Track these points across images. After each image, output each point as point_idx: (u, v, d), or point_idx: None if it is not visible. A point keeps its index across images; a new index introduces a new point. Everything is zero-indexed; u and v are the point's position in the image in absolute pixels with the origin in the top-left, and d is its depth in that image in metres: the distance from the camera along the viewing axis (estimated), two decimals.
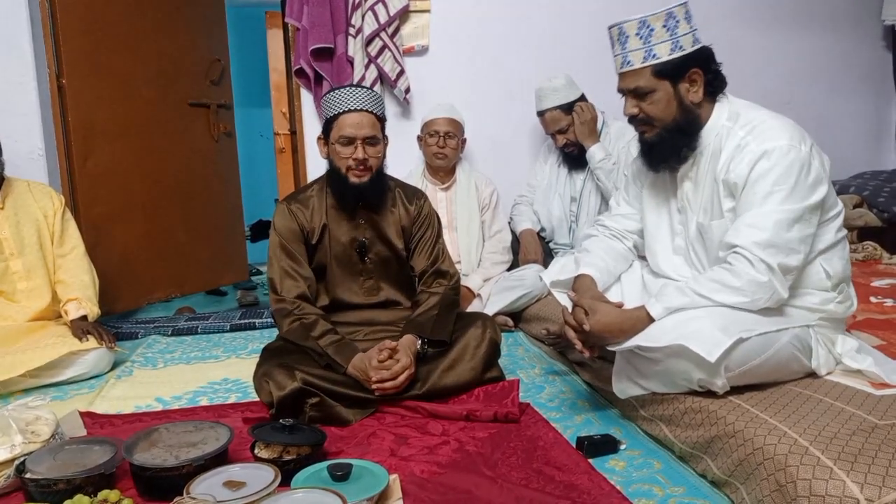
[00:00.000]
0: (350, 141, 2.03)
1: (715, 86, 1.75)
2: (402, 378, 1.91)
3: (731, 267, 1.63)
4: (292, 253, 2.10)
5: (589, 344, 1.77)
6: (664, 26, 1.68)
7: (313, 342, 1.98)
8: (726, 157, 1.70)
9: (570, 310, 1.81)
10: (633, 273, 2.00)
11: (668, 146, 1.76)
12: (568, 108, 3.06)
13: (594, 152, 3.01)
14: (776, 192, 1.61)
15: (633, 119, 1.78)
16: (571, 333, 1.78)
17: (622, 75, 1.76)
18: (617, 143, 3.08)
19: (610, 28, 1.76)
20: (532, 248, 3.19)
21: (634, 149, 1.94)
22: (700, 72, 1.72)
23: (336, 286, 2.18)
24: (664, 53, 1.69)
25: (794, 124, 1.71)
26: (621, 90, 1.79)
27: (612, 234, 2.04)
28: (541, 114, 3.15)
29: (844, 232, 1.78)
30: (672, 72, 1.70)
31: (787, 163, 1.61)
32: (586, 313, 1.74)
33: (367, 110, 2.04)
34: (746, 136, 1.68)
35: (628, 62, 1.72)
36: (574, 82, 3.12)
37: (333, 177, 2.11)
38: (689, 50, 1.70)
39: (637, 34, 1.69)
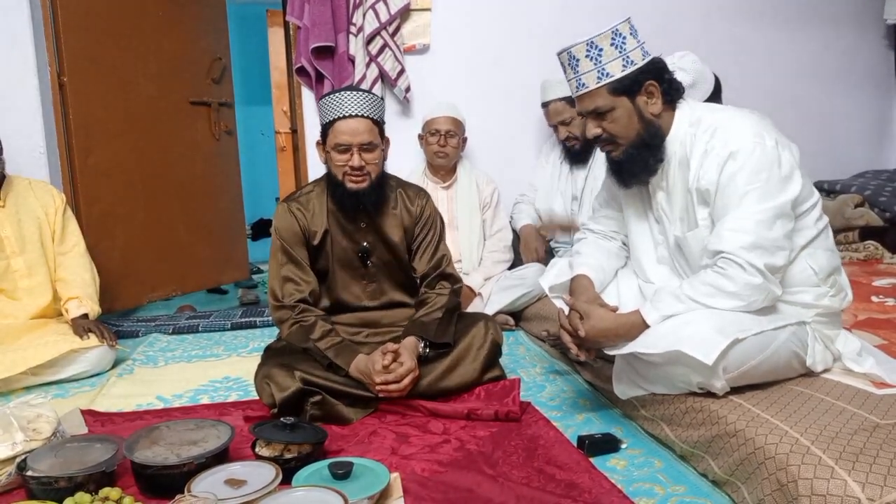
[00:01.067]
0: (346, 148, 2.00)
1: (672, 94, 1.74)
2: (405, 381, 1.90)
3: (724, 271, 1.61)
4: (293, 256, 2.08)
5: (584, 347, 1.77)
6: (612, 44, 1.67)
7: (313, 344, 1.97)
8: (696, 166, 1.68)
9: (566, 312, 1.81)
10: (629, 274, 1.99)
11: (637, 162, 1.75)
12: (572, 101, 3.04)
13: None
14: (750, 192, 1.60)
15: (597, 140, 1.77)
16: (567, 338, 1.78)
17: (579, 98, 1.75)
18: None
19: (559, 54, 1.75)
20: (532, 242, 3.19)
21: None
22: (655, 83, 1.71)
23: (338, 289, 2.17)
24: (617, 71, 1.68)
25: (757, 120, 1.70)
26: (580, 113, 1.79)
27: (601, 236, 2.04)
28: (545, 104, 3.13)
29: (825, 221, 1.76)
30: (628, 87, 1.69)
31: (754, 161, 1.60)
32: (581, 318, 1.74)
33: (362, 115, 1.99)
34: (711, 141, 1.66)
35: (583, 84, 1.71)
36: None
37: (332, 182, 2.09)
38: (640, 64, 1.69)
39: (587, 56, 1.68)
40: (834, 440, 1.32)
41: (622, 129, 1.72)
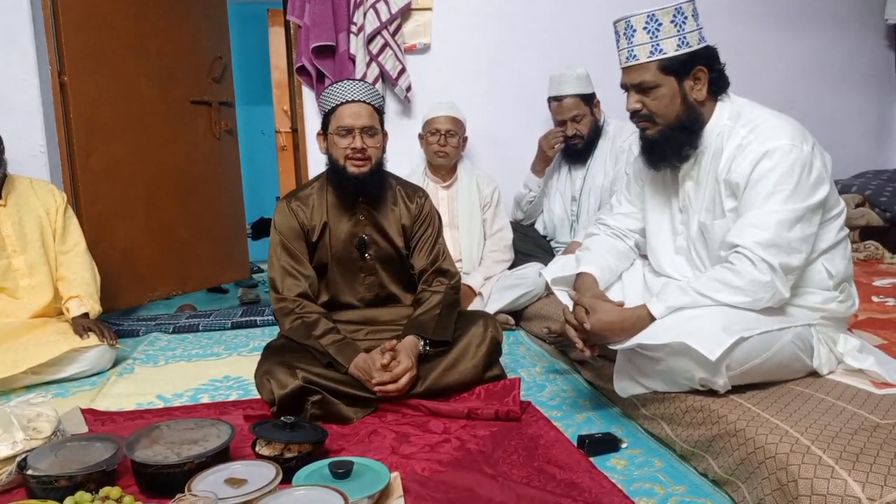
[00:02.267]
0: (348, 131, 2.04)
1: (718, 85, 1.74)
2: (403, 380, 1.91)
3: (732, 266, 1.62)
4: (293, 251, 2.10)
5: (590, 343, 1.77)
6: (672, 21, 1.67)
7: (315, 341, 1.98)
8: (728, 157, 1.69)
9: (570, 309, 1.81)
10: (634, 271, 1.99)
11: (670, 144, 1.75)
12: (585, 99, 3.04)
13: None
14: (778, 191, 1.61)
15: (634, 114, 1.76)
16: (572, 332, 1.77)
17: (626, 69, 1.75)
18: (615, 141, 3.08)
19: (616, 22, 1.74)
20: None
21: (636, 147, 1.93)
22: (705, 70, 1.71)
23: (337, 284, 2.18)
24: (671, 49, 1.68)
25: (796, 123, 1.71)
26: (624, 85, 1.77)
27: (614, 233, 2.03)
28: (557, 99, 3.06)
29: (846, 231, 1.77)
30: (678, 68, 1.69)
31: (788, 162, 1.61)
32: (587, 312, 1.74)
33: (364, 101, 2.05)
34: (748, 136, 1.67)
35: (634, 56, 1.71)
36: None
37: (333, 170, 2.11)
38: (695, 47, 1.69)
39: (644, 28, 1.68)
40: (834, 440, 1.32)
41: (663, 108, 1.72)
